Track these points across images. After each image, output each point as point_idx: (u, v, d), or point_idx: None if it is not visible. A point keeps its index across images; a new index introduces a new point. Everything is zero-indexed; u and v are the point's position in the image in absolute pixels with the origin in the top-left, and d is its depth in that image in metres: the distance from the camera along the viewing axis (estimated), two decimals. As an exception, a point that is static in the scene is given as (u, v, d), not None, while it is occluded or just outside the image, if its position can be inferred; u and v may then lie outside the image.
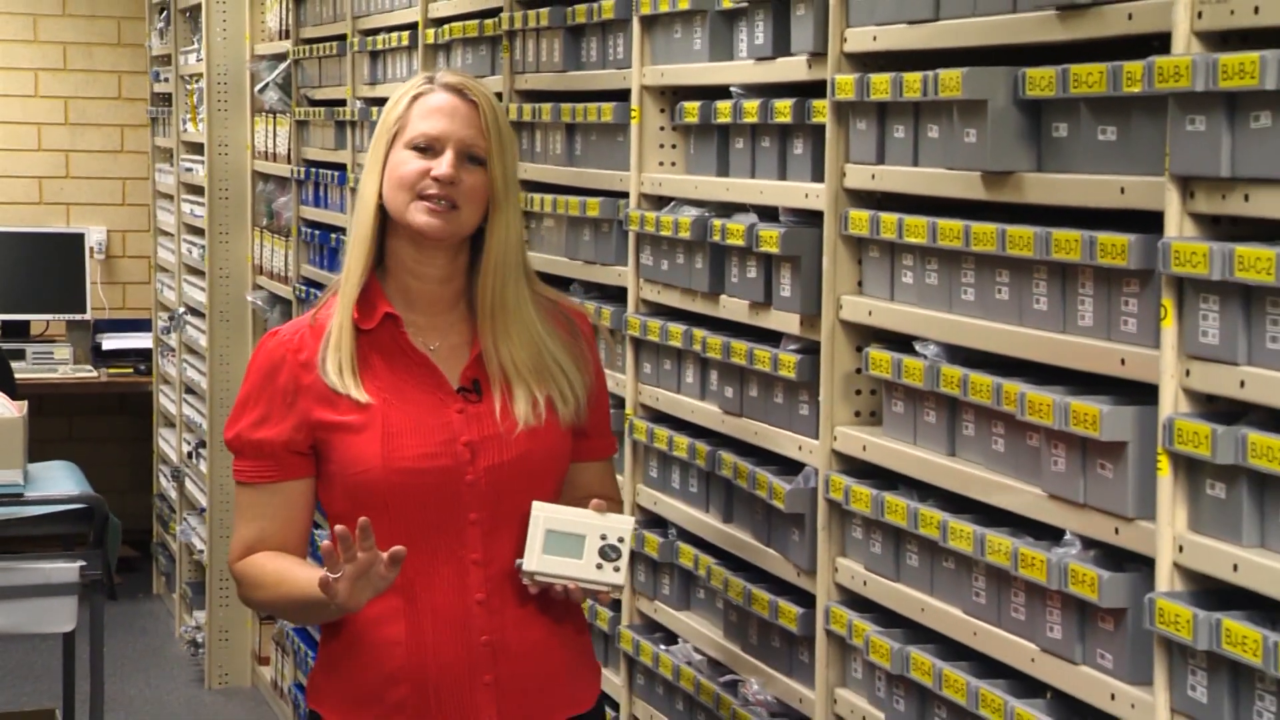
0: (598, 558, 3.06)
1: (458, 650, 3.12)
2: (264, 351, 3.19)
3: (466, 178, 3.09)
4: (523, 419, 3.13)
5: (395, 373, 3.14)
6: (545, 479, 3.18)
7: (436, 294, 3.18)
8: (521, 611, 3.16)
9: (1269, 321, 2.26)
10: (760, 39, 3.51)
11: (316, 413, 3.12)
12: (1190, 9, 2.35)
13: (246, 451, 3.17)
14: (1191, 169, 2.34)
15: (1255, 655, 2.22)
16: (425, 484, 3.10)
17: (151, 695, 7.90)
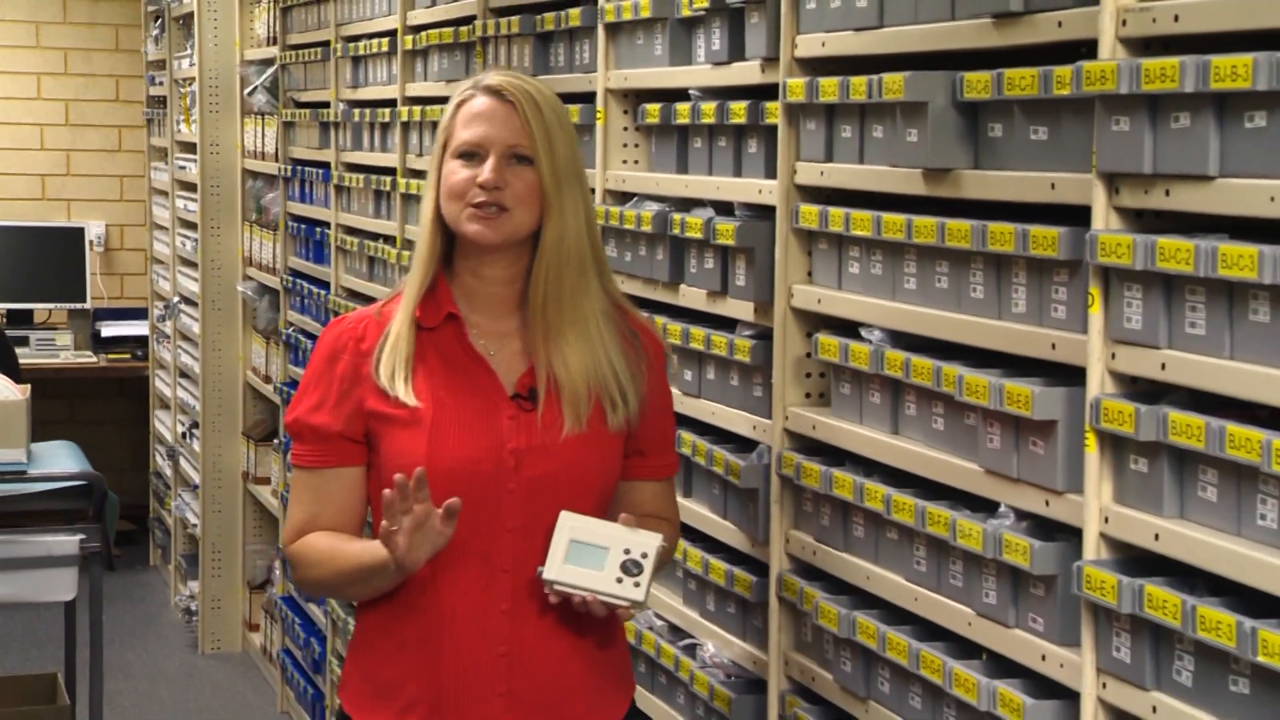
0: (619, 571, 2.81)
1: (475, 658, 2.91)
2: (328, 337, 3.00)
3: (515, 180, 2.86)
4: (569, 424, 2.89)
5: (452, 373, 2.92)
6: (589, 492, 2.93)
7: (500, 296, 2.95)
8: (544, 623, 2.92)
9: (1188, 308, 2.27)
10: (717, 45, 3.51)
11: (370, 402, 2.91)
12: (1115, 17, 2.35)
13: (305, 435, 2.97)
14: (1117, 166, 2.35)
15: (1175, 618, 2.23)
16: (466, 488, 2.83)
17: (148, 660, 7.89)
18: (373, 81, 5.94)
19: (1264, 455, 2.10)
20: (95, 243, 9.90)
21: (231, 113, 7.95)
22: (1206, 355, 2.24)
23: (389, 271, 5.66)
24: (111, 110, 10.10)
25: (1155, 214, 2.35)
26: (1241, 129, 2.16)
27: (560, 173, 2.87)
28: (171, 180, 8.94)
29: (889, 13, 2.93)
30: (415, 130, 5.40)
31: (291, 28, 7.10)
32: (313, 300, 6.66)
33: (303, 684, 6.89)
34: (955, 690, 2.69)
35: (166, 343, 9.10)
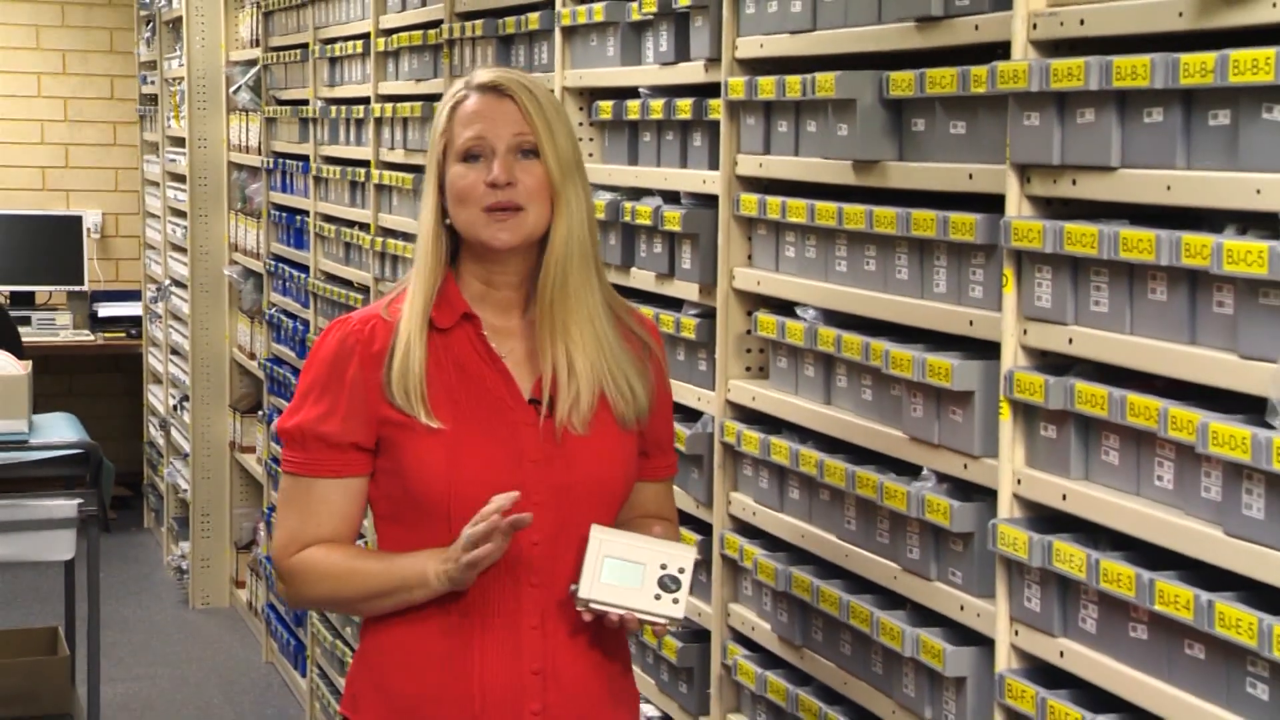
0: (656, 588, 2.50)
1: (507, 677, 2.56)
2: (333, 341, 2.61)
3: (524, 175, 2.54)
4: (577, 422, 2.56)
5: (468, 378, 2.58)
6: (613, 498, 2.63)
7: (508, 298, 2.62)
8: (574, 640, 2.60)
9: (1093, 288, 2.28)
10: (664, 47, 3.51)
11: (384, 409, 2.55)
12: (1026, 21, 2.36)
13: (309, 443, 2.59)
14: (1028, 158, 2.36)
15: (1080, 571, 2.24)
16: (489, 499, 2.49)
17: (142, 615, 7.87)
18: (348, 80, 5.93)
19: (1160, 422, 2.11)
20: (92, 230, 9.86)
21: (218, 110, 7.92)
22: (1109, 331, 2.25)
23: (363, 256, 5.64)
24: (107, 107, 10.06)
25: (1063, 201, 2.36)
26: (1141, 124, 2.17)
27: (564, 164, 2.56)
28: (163, 172, 8.90)
29: (821, 17, 2.93)
30: (387, 126, 5.39)
31: (273, 31, 7.07)
32: (294, 283, 6.65)
33: (285, 636, 6.89)
34: (882, 638, 2.70)
35: (158, 322, 9.07)
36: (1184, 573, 2.11)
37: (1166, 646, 2.15)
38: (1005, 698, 2.42)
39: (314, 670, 6.39)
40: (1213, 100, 2.06)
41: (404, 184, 5.13)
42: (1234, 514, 2.02)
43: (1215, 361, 2.05)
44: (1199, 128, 2.09)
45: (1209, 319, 2.08)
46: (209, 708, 6.65)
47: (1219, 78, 1.99)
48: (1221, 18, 2.02)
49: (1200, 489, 2.09)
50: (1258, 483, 1.98)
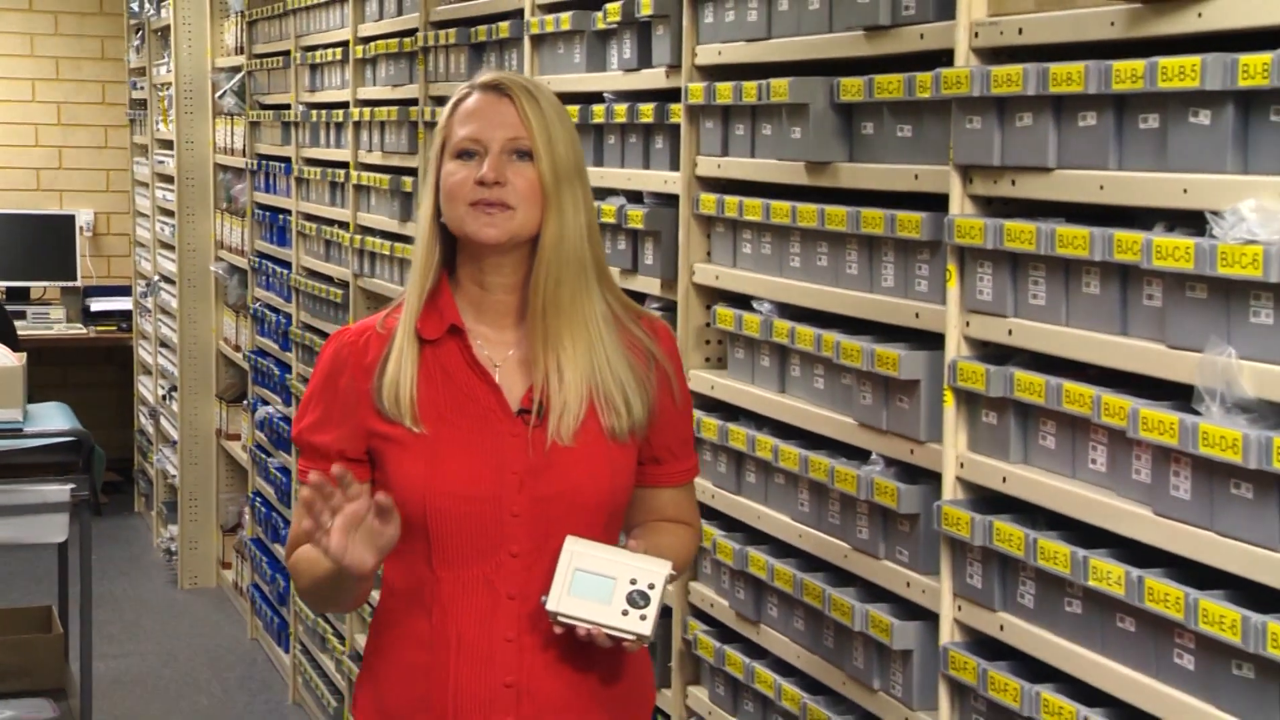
0: (624, 603, 2.35)
1: (479, 688, 2.44)
2: (330, 351, 2.52)
3: (515, 177, 2.39)
4: (562, 433, 2.41)
5: (454, 388, 2.44)
6: (598, 512, 2.46)
7: (504, 304, 2.47)
8: (552, 653, 2.44)
9: (1031, 282, 2.29)
10: (628, 54, 3.51)
11: (371, 421, 2.45)
12: (968, 30, 2.37)
13: (306, 451, 2.52)
14: (970, 159, 2.37)
15: (1019, 549, 2.25)
16: (466, 512, 2.41)
17: (133, 594, 7.84)
18: (328, 86, 5.91)
19: (1094, 408, 2.12)
20: (84, 228, 9.82)
21: (204, 114, 7.90)
22: (1046, 323, 2.26)
23: (343, 253, 5.63)
24: (98, 111, 10.01)
25: (1003, 201, 2.37)
26: (1075, 127, 2.18)
27: (560, 169, 2.41)
28: (152, 173, 8.88)
29: (776, 26, 2.94)
30: (365, 129, 5.38)
31: (257, 39, 7.05)
32: (277, 278, 6.63)
33: (270, 614, 6.88)
34: (833, 614, 2.71)
35: (148, 316, 9.04)
36: (1116, 550, 2.12)
37: (1100, 620, 2.16)
38: (949, 669, 2.43)
39: (296, 647, 6.39)
40: (1142, 105, 2.07)
41: (381, 184, 5.13)
42: (1162, 495, 2.03)
43: (1145, 351, 2.06)
44: (1130, 131, 2.10)
45: (1139, 311, 2.10)
46: (197, 682, 6.64)
47: (1148, 83, 2.00)
48: (1150, 27, 2.03)
49: (1131, 471, 2.10)
50: (1184, 465, 2.00)
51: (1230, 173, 1.93)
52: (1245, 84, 1.87)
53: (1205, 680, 1.97)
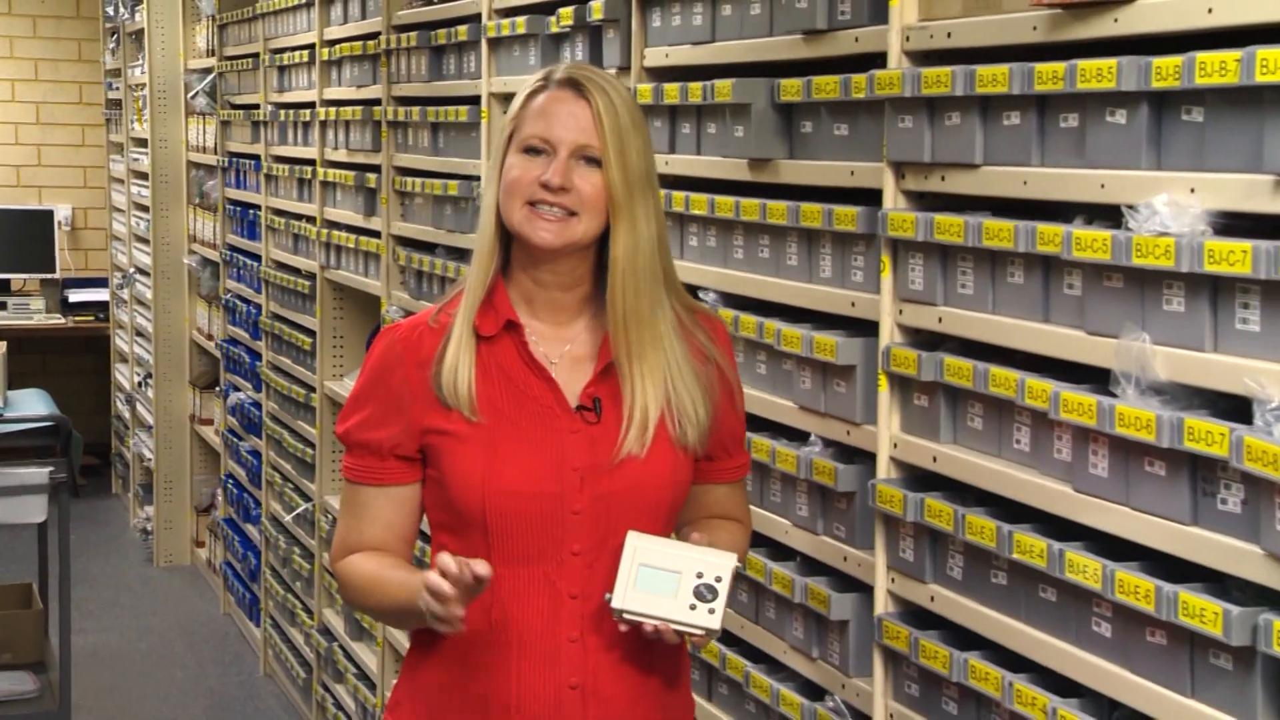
0: (692, 597, 2.18)
1: (544, 691, 2.25)
2: (381, 348, 2.33)
3: (581, 183, 2.20)
4: (638, 445, 2.25)
5: (512, 385, 2.27)
6: (659, 510, 2.29)
7: (560, 301, 2.29)
8: (616, 653, 2.27)
9: (959, 273, 2.30)
10: (580, 56, 3.50)
11: (428, 418, 2.26)
12: (900, 34, 2.38)
13: (355, 450, 2.33)
14: (902, 156, 2.38)
15: (948, 525, 2.27)
16: (527, 510, 2.23)
17: (110, 572, 7.80)
18: (295, 87, 5.89)
19: (1018, 391, 2.14)
20: (63, 223, 9.76)
21: (177, 113, 7.85)
22: (974, 311, 2.27)
23: (310, 246, 5.61)
24: (76, 111, 9.96)
25: (933, 195, 2.37)
26: (1001, 126, 2.19)
27: (632, 179, 2.21)
28: (127, 170, 8.82)
29: (720, 30, 2.94)
30: (331, 128, 5.36)
31: (227, 42, 7.02)
32: (247, 270, 6.61)
33: (241, 590, 6.86)
34: (775, 587, 2.72)
35: (124, 307, 8.99)
36: (1039, 525, 2.14)
37: (1023, 591, 2.18)
38: (883, 638, 2.44)
39: (267, 621, 6.37)
40: (1063, 105, 2.08)
41: (346, 181, 5.11)
42: (1082, 473, 2.04)
43: (1066, 337, 2.07)
44: (1051, 129, 2.11)
45: (1060, 300, 2.11)
46: (172, 655, 6.61)
47: (1068, 84, 2.01)
48: (1070, 31, 2.05)
49: (1053, 451, 2.12)
50: (1102, 445, 2.01)
51: (1145, 169, 1.94)
52: (1158, 85, 1.88)
53: (1121, 647, 1.99)
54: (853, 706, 2.57)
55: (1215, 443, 1.78)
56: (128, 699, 6.08)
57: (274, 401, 6.17)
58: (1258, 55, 1.72)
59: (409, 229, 4.59)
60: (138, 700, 6.07)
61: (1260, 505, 1.76)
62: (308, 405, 5.67)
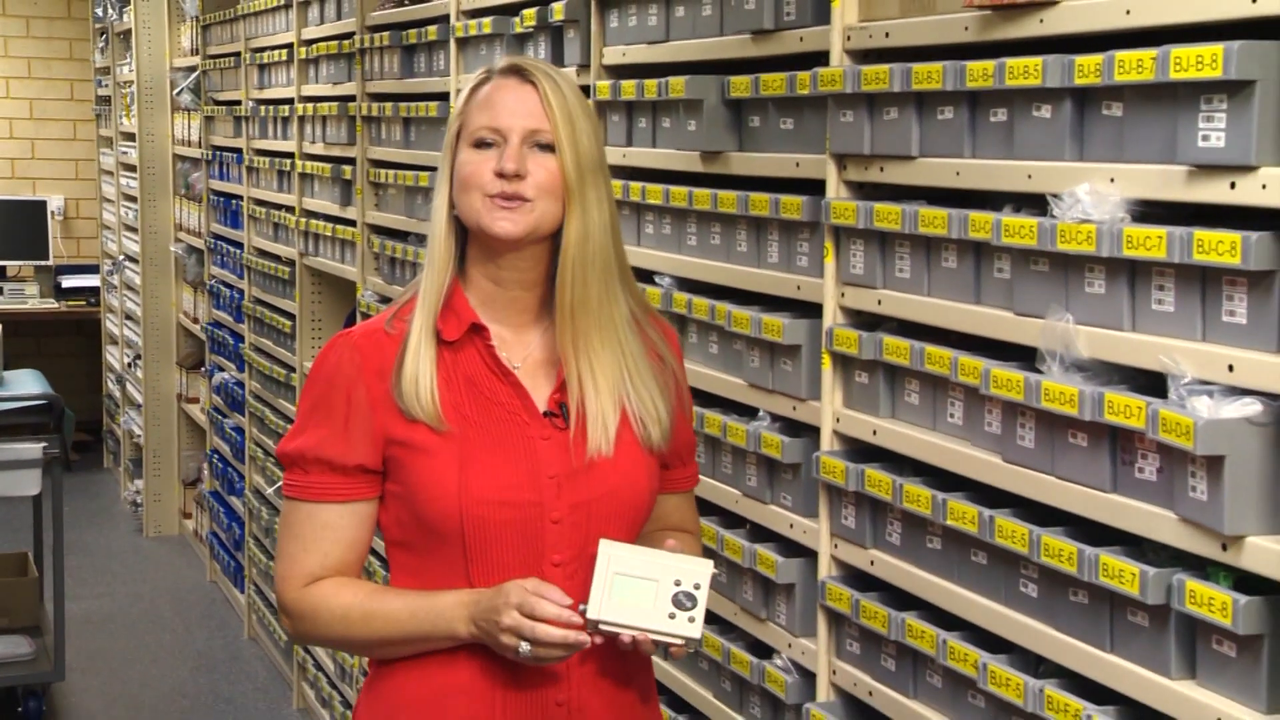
0: (670, 606, 1.98)
1: (531, 709, 2.04)
2: (333, 357, 2.07)
3: (536, 168, 2.01)
4: (599, 443, 2.05)
5: (477, 391, 2.05)
6: (636, 518, 2.10)
7: (521, 302, 2.08)
8: (598, 668, 2.07)
9: (897, 258, 2.31)
10: (542, 54, 3.49)
11: (391, 428, 2.03)
12: (842, 34, 2.38)
13: (311, 468, 2.06)
14: (844, 149, 2.38)
15: (887, 494, 2.28)
16: (506, 519, 2.01)
17: (102, 542, 7.77)
18: (275, 84, 5.86)
19: (952, 369, 2.14)
20: (56, 213, 9.69)
21: (163, 109, 7.81)
22: (911, 294, 2.28)
23: (289, 234, 5.59)
24: (67, 107, 9.88)
25: (873, 185, 2.38)
26: (935, 120, 2.20)
27: (584, 163, 2.03)
28: (116, 163, 8.77)
29: (674, 30, 2.94)
30: (309, 123, 5.33)
31: (210, 41, 6.97)
32: (230, 257, 6.58)
33: (226, 559, 6.84)
34: (726, 553, 2.73)
35: (114, 292, 8.95)
36: (971, 493, 2.15)
37: (957, 555, 2.19)
38: (826, 600, 2.45)
39: (251, 587, 6.35)
40: (993, 100, 2.09)
41: (323, 173, 5.09)
42: (1010, 444, 2.05)
43: (996, 318, 2.08)
44: (982, 123, 2.12)
45: (990, 283, 2.11)
46: (160, 620, 6.59)
47: (998, 81, 2.02)
48: (999, 31, 2.05)
49: (984, 424, 2.13)
50: (1029, 418, 2.02)
51: (1068, 160, 1.95)
52: (1081, 82, 1.89)
53: (1046, 606, 2.00)
54: (799, 664, 2.58)
55: (1133, 416, 1.79)
56: (119, 661, 6.05)
57: (256, 381, 6.15)
58: (1171, 54, 1.73)
59: (382, 218, 4.58)
60: (128, 662, 6.05)
61: (1174, 474, 1.77)
62: (288, 384, 5.65)
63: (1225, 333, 1.73)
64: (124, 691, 5.73)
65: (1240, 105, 1.67)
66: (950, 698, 2.21)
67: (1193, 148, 1.72)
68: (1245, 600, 1.67)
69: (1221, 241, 1.69)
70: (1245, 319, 1.70)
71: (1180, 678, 1.79)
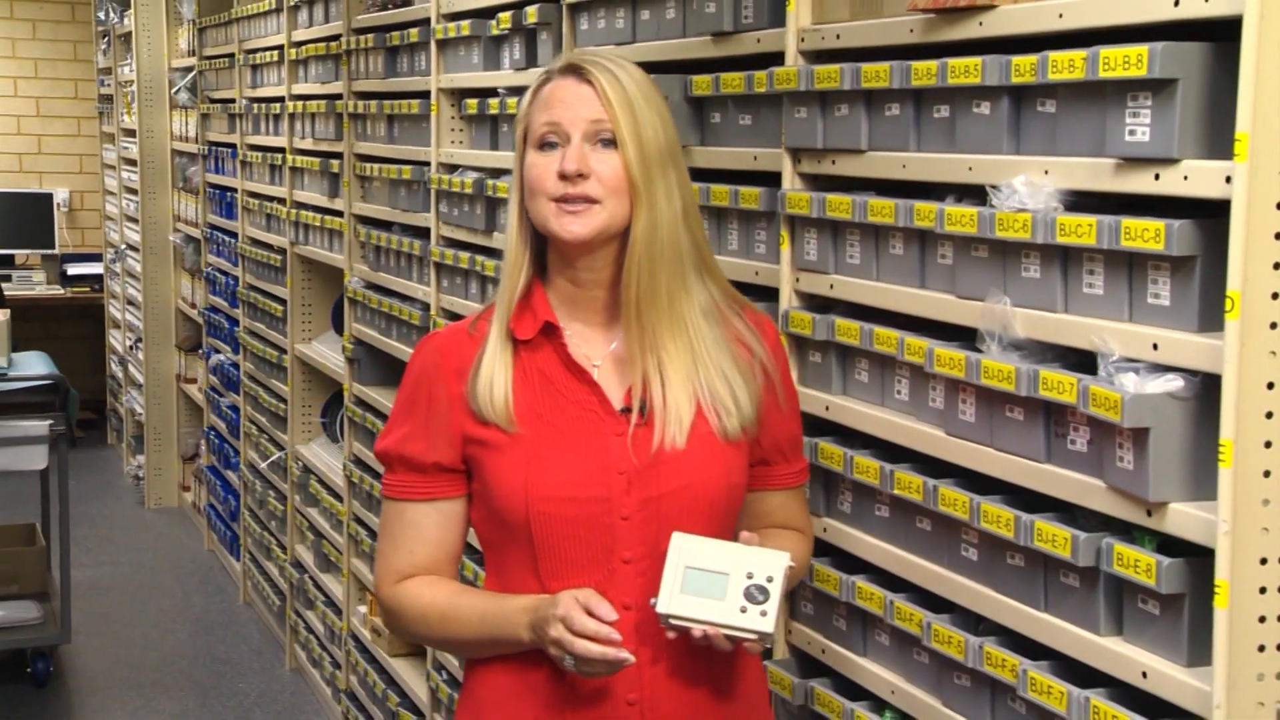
0: (743, 600, 1.85)
1: (602, 708, 1.93)
2: (419, 359, 2.01)
3: (600, 166, 1.89)
4: (677, 437, 1.92)
5: (553, 389, 1.96)
6: (713, 512, 1.96)
7: (599, 300, 1.97)
8: (674, 663, 1.94)
9: (848, 245, 2.31)
10: (517, 55, 3.49)
11: (468, 426, 1.96)
12: (796, 36, 2.38)
13: (397, 466, 2.01)
14: (799, 143, 2.38)
15: (839, 466, 2.28)
16: (573, 517, 1.91)
17: (105, 513, 7.73)
18: (267, 83, 5.83)
19: (899, 349, 2.15)
20: (61, 205, 9.64)
21: (162, 107, 7.76)
22: (861, 279, 2.28)
23: (281, 225, 5.57)
24: (72, 105, 9.81)
25: (826, 178, 2.37)
26: (884, 116, 2.20)
27: (649, 156, 1.90)
28: (118, 157, 8.72)
29: (639, 32, 2.93)
30: (299, 120, 5.31)
31: (206, 43, 6.93)
32: (225, 246, 6.55)
33: (223, 529, 6.82)
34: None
35: (117, 279, 8.89)
36: (916, 465, 2.16)
37: (903, 522, 2.20)
38: (782, 564, 2.45)
39: (246, 556, 6.34)
40: (936, 98, 2.09)
41: (313, 166, 5.07)
42: (953, 418, 2.06)
43: (939, 301, 2.09)
44: (926, 119, 2.12)
45: (934, 268, 2.12)
46: (161, 587, 6.57)
47: (940, 80, 2.02)
48: (942, 33, 2.05)
49: (928, 400, 2.13)
50: (970, 394, 2.02)
51: (1006, 154, 1.95)
52: (1017, 80, 1.89)
53: (986, 569, 2.01)
54: (756, 624, 2.58)
55: (1065, 391, 1.80)
56: (121, 625, 6.03)
57: (250, 362, 6.13)
58: (1101, 54, 1.73)
59: (368, 209, 4.56)
60: (130, 626, 6.03)
61: (1103, 445, 1.78)
62: (280, 365, 5.63)
63: (1150, 314, 1.74)
64: (126, 653, 5.71)
65: (1164, 102, 1.68)
66: (897, 655, 2.22)
67: (1120, 142, 1.73)
68: (1168, 562, 1.69)
69: (1147, 229, 1.70)
70: (1169, 301, 1.71)
71: (1109, 634, 1.80)
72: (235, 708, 5.22)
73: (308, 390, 5.48)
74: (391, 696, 4.38)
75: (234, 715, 5.15)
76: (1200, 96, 1.66)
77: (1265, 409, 1.58)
